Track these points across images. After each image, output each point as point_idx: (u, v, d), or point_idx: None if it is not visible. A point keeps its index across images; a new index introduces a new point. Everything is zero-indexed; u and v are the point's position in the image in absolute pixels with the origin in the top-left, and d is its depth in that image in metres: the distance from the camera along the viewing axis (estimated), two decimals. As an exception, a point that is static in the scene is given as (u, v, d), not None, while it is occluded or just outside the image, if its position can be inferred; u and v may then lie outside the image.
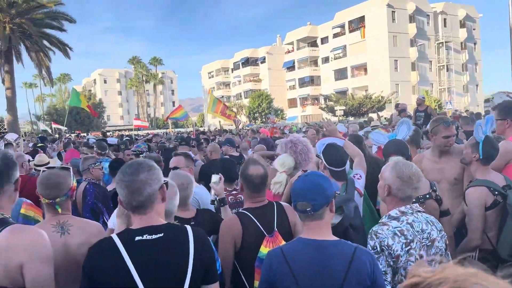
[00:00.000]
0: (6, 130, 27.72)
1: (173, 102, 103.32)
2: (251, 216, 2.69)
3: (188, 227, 1.84)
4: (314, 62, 65.17)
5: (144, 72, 79.94)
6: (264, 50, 71.92)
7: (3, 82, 28.60)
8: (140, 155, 6.67)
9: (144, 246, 1.69)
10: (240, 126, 22.93)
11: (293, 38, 66.71)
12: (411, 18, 53.48)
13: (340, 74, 59.24)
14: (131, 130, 49.57)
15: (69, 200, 2.47)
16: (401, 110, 12.74)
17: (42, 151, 9.33)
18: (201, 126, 73.36)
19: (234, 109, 46.56)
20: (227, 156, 6.52)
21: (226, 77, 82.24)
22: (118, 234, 1.75)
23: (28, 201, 3.35)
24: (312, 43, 64.97)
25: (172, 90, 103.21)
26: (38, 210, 3.32)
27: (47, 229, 2.29)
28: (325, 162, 3.46)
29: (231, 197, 3.95)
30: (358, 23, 55.84)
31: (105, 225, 4.15)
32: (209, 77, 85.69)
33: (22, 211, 3.15)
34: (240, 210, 2.81)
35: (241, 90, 76.04)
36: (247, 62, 74.64)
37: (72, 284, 2.13)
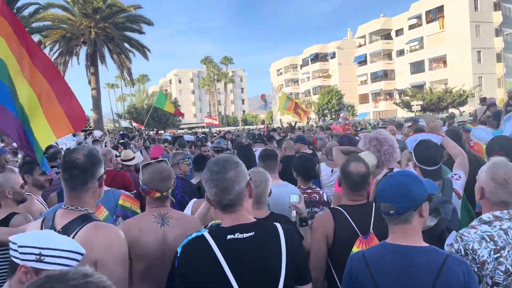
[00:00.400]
0: (92, 128, 30.03)
1: (242, 100, 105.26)
2: (345, 213, 2.59)
3: (278, 225, 1.79)
4: (388, 55, 62.48)
5: (216, 71, 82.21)
6: (334, 45, 70.47)
7: (89, 83, 30.97)
8: (220, 152, 6.77)
9: (236, 245, 1.67)
10: (311, 123, 22.60)
11: (365, 32, 64.47)
12: (496, 6, 49.12)
13: (417, 67, 56.17)
14: (203, 127, 51.35)
15: None
16: (489, 104, 11.70)
17: (122, 148, 9.84)
18: (270, 123, 74.12)
19: (304, 106, 46.01)
20: (300, 153, 6.37)
21: (294, 73, 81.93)
22: (209, 232, 1.72)
23: (127, 192, 3.51)
24: (386, 35, 62.30)
25: (242, 88, 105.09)
26: (135, 201, 3.46)
27: (148, 220, 2.38)
28: (415, 160, 3.20)
29: (305, 195, 3.77)
30: (436, 13, 52.48)
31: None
32: (278, 74, 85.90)
33: (120, 202, 3.30)
34: (335, 207, 2.69)
35: (309, 86, 75.30)
36: (316, 58, 73.69)
37: (166, 275, 2.16)
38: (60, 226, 1.89)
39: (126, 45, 30.19)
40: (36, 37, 25.67)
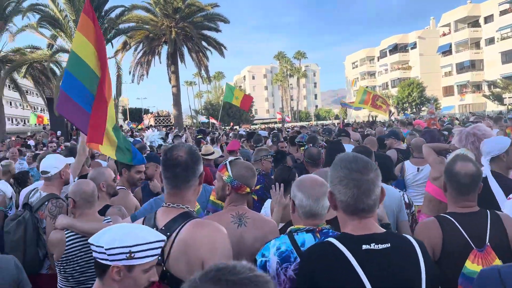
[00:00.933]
0: (172, 123, 31.43)
1: (315, 95, 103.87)
2: (455, 222, 2.23)
3: (410, 237, 1.64)
4: (476, 44, 57.55)
5: (289, 67, 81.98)
6: (415, 34, 66.64)
7: (169, 80, 32.44)
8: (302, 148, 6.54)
9: (374, 257, 1.52)
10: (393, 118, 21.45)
11: (450, 19, 59.95)
12: None
13: (509, 56, 51.08)
14: (275, 123, 51.53)
15: None
16: None
17: (204, 142, 10.03)
18: (345, 118, 72.22)
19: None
20: (393, 150, 5.95)
21: (371, 66, 79.01)
22: (338, 239, 1.59)
23: None
24: (473, 23, 57.42)
25: (315, 83, 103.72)
26: None
27: (226, 219, 2.29)
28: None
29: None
30: (533, -5, 47.26)
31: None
32: (353, 67, 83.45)
33: (211, 197, 3.27)
34: (442, 214, 2.36)
35: (387, 79, 72.15)
36: (395, 49, 70.30)
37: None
38: (161, 224, 1.86)
39: (204, 43, 31.11)
40: (122, 38, 27.42)
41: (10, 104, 52.44)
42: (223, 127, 29.92)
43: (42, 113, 52.86)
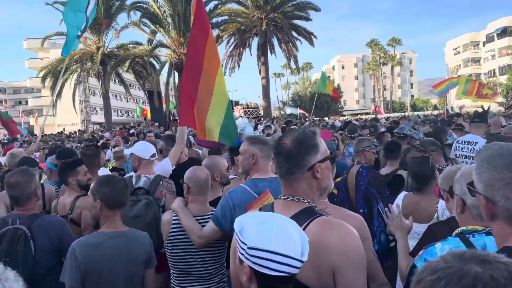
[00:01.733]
0: (261, 115, 31.69)
1: (411, 84, 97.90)
2: None
3: None
4: None
5: (382, 55, 78.11)
6: (529, 15, 59.10)
7: (259, 72, 32.67)
8: (403, 140, 5.91)
9: None
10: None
11: None
12: None
13: None
14: (367, 114, 49.39)
15: None
16: None
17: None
18: (441, 108, 66.77)
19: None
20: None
21: (476, 52, 72.12)
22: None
23: None
24: None
25: (411, 71, 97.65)
26: None
27: None
28: None
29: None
30: None
31: (379, 215, 3.66)
32: (454, 54, 76.91)
33: None
34: None
35: (495, 66, 65.32)
36: (504, 32, 63.23)
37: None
38: None
39: (294, 33, 30.74)
40: (215, 32, 28.16)
41: (116, 97, 57.34)
42: (313, 118, 29.33)
43: (144, 105, 57.03)
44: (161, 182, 3.59)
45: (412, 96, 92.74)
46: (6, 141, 13.46)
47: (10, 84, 79.54)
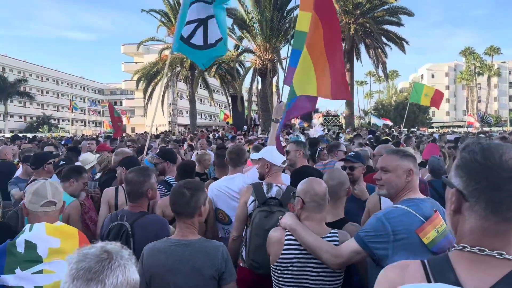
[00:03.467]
0: (341, 123, 30.68)
1: (510, 97, 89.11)
2: None
3: None
4: None
5: (477, 64, 72.21)
6: None
7: (344, 79, 31.60)
8: None
9: None
10: None
11: None
12: None
13: None
14: (461, 127, 45.71)
15: None
16: None
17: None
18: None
19: None
20: None
21: None
22: None
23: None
24: None
25: (510, 83, 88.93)
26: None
27: None
28: None
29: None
30: None
31: None
32: None
33: None
34: None
35: None
36: None
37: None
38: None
39: (383, 38, 29.36)
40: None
41: (201, 100, 59.72)
42: (398, 129, 27.70)
43: (226, 109, 58.63)
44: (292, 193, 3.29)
45: (511, 110, 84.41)
46: (101, 139, 14.25)
47: (107, 86, 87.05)
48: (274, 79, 27.20)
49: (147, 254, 2.32)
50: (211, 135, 19.77)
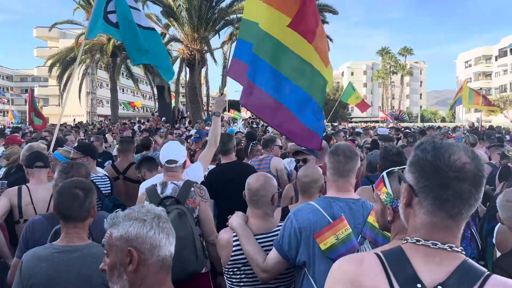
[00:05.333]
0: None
1: (420, 95, 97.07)
2: None
3: None
4: None
5: (392, 63, 77.39)
6: (546, 31, 58.32)
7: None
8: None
9: None
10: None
11: None
12: None
13: None
14: (377, 122, 48.72)
15: None
16: None
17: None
18: (451, 121, 66.18)
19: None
20: None
21: (487, 66, 71.57)
22: None
23: None
24: None
25: (421, 82, 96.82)
26: None
27: None
28: None
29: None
30: None
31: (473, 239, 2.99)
32: (466, 67, 76.36)
33: (370, 218, 2.39)
34: None
35: (506, 81, 64.67)
36: (518, 47, 62.42)
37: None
38: (432, 279, 1.11)
39: (309, 35, 30.01)
40: (229, 29, 27.47)
41: (123, 90, 56.80)
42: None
43: (150, 100, 56.43)
44: (192, 189, 3.00)
45: (421, 106, 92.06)
46: (8, 132, 12.73)
47: (17, 72, 79.25)
48: (203, 70, 26.57)
49: (26, 262, 2.05)
50: (136, 127, 18.70)
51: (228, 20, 24.99)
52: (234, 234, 2.35)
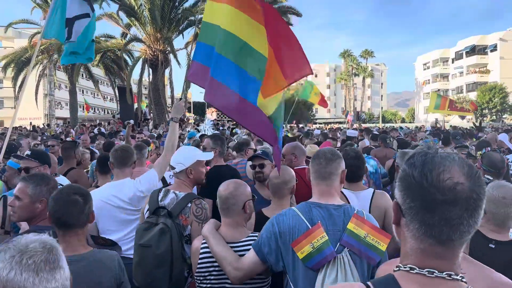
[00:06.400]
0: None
1: (381, 96, 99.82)
2: None
3: None
4: None
5: (354, 66, 79.09)
6: (496, 36, 61.68)
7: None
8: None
9: None
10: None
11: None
12: None
13: None
14: (341, 123, 49.60)
15: None
16: None
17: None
18: (410, 122, 68.61)
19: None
20: None
21: (444, 68, 74.45)
22: None
23: (362, 213, 2.57)
24: None
25: (382, 84, 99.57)
26: (380, 234, 2.32)
27: None
28: None
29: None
30: None
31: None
32: (424, 69, 79.22)
33: (350, 225, 2.28)
34: None
35: (462, 82, 67.52)
36: (472, 50, 65.61)
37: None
38: None
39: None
40: (193, 30, 27.03)
41: (83, 92, 54.86)
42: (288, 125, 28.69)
43: (111, 102, 54.74)
44: (189, 204, 2.73)
45: (382, 108, 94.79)
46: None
47: (-33, 73, 75.04)
48: (167, 71, 26.01)
49: None
50: (95, 130, 17.99)
51: (192, 21, 24.61)
52: (204, 241, 2.31)
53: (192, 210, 2.73)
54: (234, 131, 16.87)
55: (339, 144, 8.34)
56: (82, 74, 33.71)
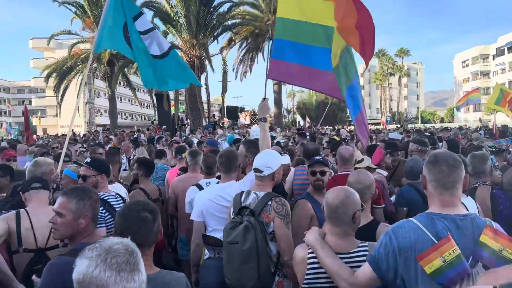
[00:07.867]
0: (271, 123, 30.73)
1: (417, 96, 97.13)
2: None
3: None
4: None
5: (389, 65, 77.35)
6: (541, 29, 58.36)
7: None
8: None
9: None
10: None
11: None
12: None
13: None
14: (377, 124, 48.57)
15: None
16: None
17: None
18: (450, 121, 66.20)
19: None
20: None
21: (485, 65, 71.57)
22: None
23: (495, 225, 2.38)
24: None
25: (417, 83, 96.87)
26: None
27: None
28: None
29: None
30: None
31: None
32: (463, 67, 76.39)
33: (483, 238, 2.03)
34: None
35: (505, 79, 64.59)
36: (515, 46, 62.56)
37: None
38: None
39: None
40: (227, 35, 27.18)
41: (121, 99, 56.41)
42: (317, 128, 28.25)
43: (148, 109, 55.92)
44: (269, 202, 2.88)
45: (418, 107, 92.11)
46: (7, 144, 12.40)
47: (14, 84, 78.80)
48: (203, 76, 26.25)
49: None
50: (136, 135, 18.29)
51: (227, 26, 24.74)
52: (310, 250, 2.23)
53: (273, 207, 2.85)
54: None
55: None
56: (120, 82, 34.57)
